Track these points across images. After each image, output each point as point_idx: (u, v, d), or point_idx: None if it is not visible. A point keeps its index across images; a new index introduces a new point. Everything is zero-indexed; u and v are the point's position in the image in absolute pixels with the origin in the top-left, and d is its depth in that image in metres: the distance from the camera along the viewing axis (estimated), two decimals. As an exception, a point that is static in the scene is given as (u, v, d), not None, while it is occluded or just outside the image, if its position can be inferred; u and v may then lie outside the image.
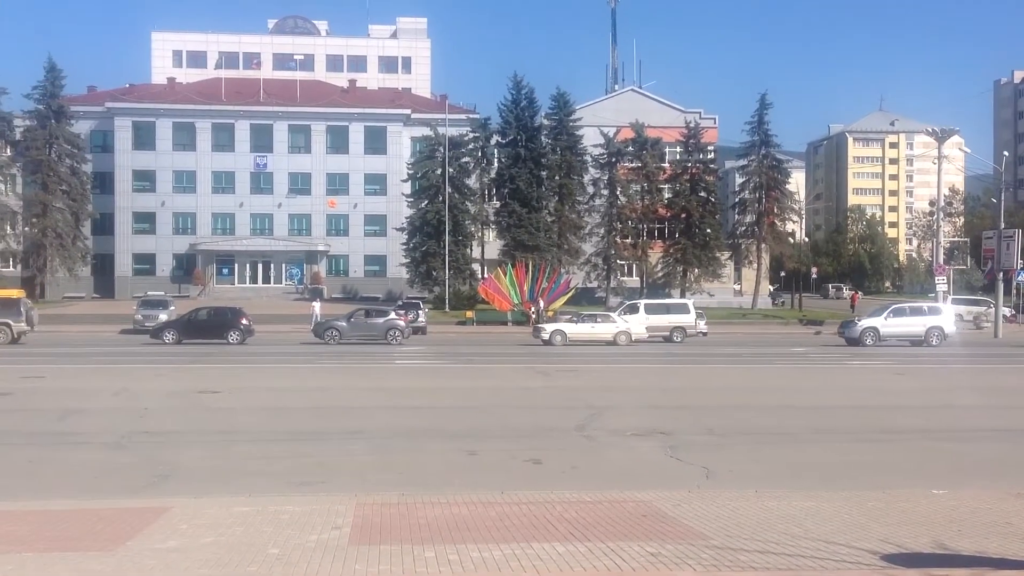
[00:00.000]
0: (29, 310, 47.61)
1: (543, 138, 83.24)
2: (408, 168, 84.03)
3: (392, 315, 49.59)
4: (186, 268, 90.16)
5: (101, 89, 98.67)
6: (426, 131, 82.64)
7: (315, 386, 27.72)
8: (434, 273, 78.64)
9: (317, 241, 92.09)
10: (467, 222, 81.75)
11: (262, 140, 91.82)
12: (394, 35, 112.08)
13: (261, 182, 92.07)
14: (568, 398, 24.93)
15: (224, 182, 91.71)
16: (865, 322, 49.79)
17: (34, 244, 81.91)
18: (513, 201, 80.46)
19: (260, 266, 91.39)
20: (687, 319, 52.93)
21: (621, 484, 13.58)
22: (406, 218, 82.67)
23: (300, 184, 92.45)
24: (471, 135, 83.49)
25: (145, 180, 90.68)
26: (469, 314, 69.25)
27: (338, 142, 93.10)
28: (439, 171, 79.28)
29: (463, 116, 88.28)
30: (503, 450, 17.00)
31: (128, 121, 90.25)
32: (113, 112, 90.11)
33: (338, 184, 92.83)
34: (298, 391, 26.53)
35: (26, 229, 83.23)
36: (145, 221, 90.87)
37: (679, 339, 51.34)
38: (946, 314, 51.36)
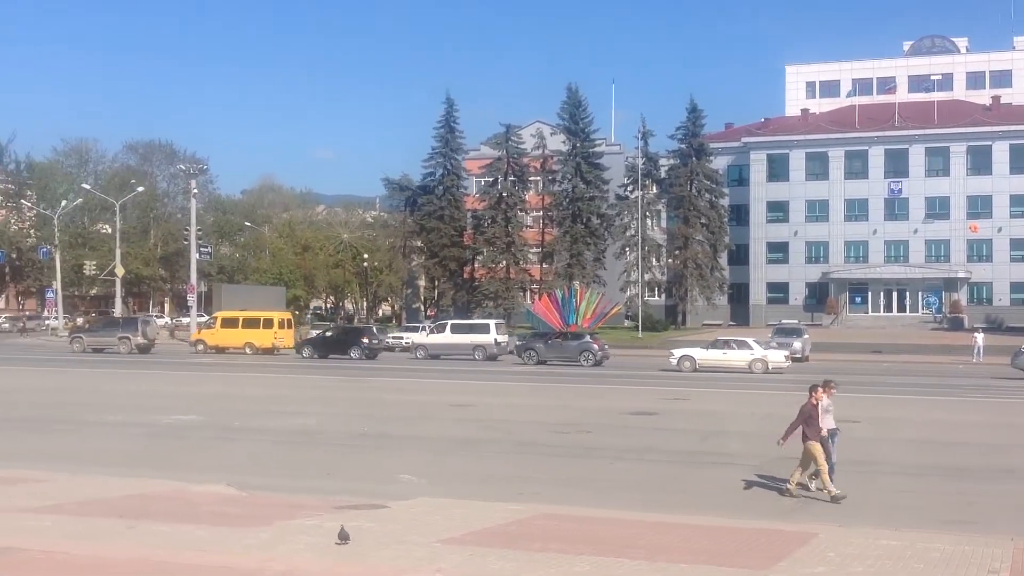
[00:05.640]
0: (146, 327, 57.01)
1: None
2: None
3: (587, 338, 50.63)
4: (818, 297, 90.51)
5: (737, 125, 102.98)
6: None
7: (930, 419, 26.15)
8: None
9: (956, 268, 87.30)
10: None
11: (897, 165, 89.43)
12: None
13: (895, 208, 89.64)
14: None
15: (856, 210, 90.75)
16: None
17: (676, 275, 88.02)
18: None
19: (895, 294, 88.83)
20: None
21: None
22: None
23: (937, 208, 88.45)
24: None
25: (778, 211, 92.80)
26: None
27: (980, 163, 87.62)
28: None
29: None
30: None
31: (763, 154, 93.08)
32: (748, 147, 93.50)
33: (980, 207, 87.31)
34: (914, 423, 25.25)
35: (669, 261, 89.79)
36: (778, 251, 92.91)
37: None
38: None
